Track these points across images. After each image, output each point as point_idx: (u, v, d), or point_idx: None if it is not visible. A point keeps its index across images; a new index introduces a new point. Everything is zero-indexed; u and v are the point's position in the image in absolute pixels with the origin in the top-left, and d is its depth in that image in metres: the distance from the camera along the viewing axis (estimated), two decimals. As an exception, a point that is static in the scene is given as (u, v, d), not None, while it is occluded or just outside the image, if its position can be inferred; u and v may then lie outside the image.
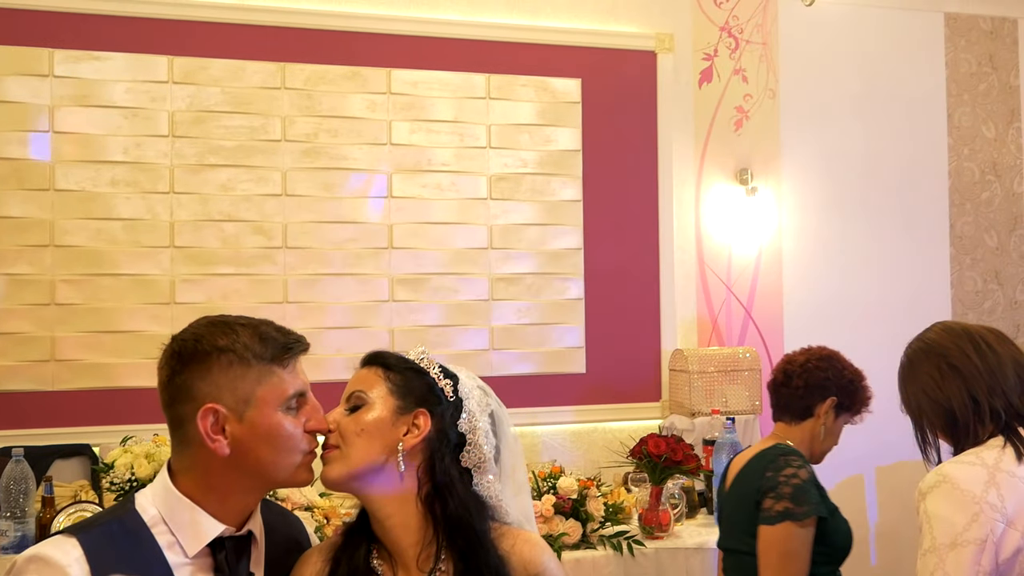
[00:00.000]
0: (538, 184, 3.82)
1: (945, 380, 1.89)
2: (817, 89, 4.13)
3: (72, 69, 3.33)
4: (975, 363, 1.87)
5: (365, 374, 1.55)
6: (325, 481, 1.50)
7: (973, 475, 1.74)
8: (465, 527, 1.49)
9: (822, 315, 4.09)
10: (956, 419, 1.86)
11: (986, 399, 1.84)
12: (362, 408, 1.51)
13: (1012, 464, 1.76)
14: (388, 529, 1.51)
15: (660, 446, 2.96)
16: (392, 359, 1.56)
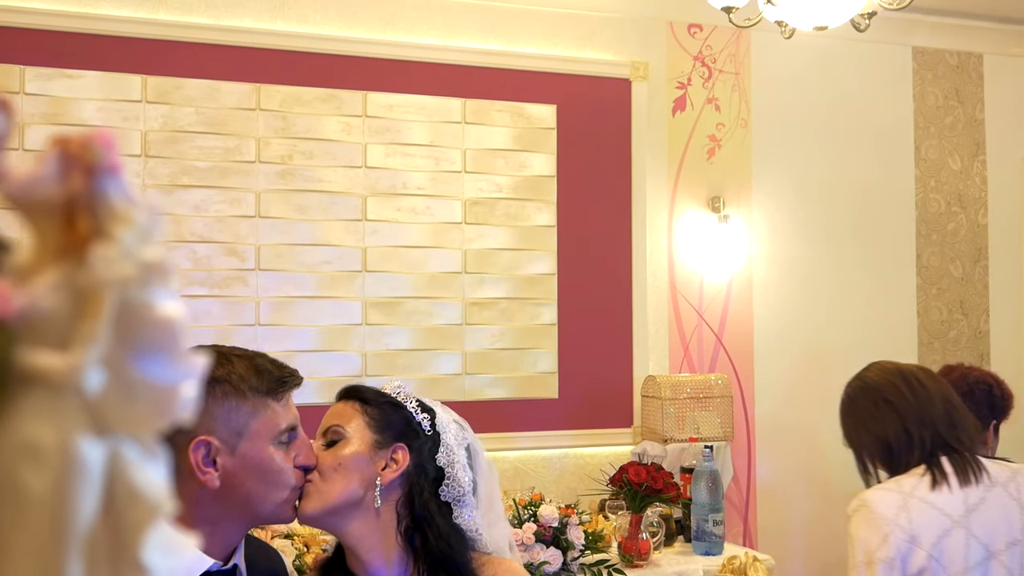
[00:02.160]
0: (513, 209, 3.83)
1: (881, 413, 2.09)
2: (788, 119, 4.19)
3: (43, 87, 3.30)
4: (907, 397, 2.06)
5: (342, 408, 1.56)
6: (301, 516, 1.49)
7: (888, 500, 1.97)
8: (446, 560, 1.50)
9: (792, 342, 4.12)
10: (891, 449, 2.06)
11: (916, 430, 2.03)
12: (339, 443, 1.51)
13: (926, 491, 1.96)
14: (367, 564, 1.50)
15: (640, 474, 2.97)
16: (369, 393, 1.57)
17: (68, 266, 0.46)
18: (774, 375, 4.09)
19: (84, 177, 0.47)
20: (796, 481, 4.07)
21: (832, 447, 3.95)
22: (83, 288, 0.45)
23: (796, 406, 4.10)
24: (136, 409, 0.46)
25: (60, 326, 0.45)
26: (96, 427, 0.45)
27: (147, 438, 0.47)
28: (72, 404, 0.45)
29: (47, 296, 0.45)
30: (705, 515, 3.16)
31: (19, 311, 0.44)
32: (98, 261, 0.46)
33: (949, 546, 1.93)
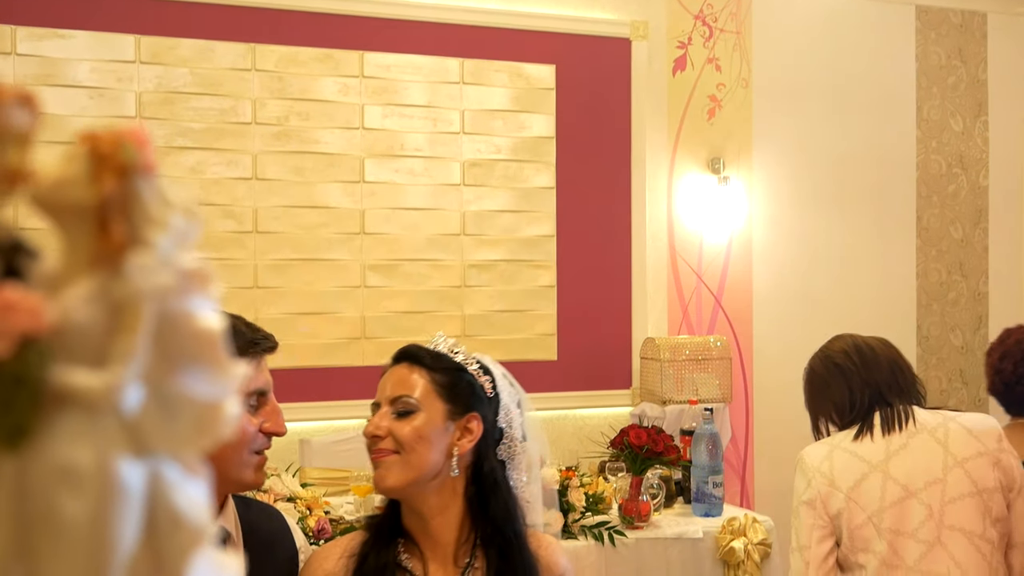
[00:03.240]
0: (511, 171, 3.80)
1: (832, 378, 2.35)
2: (789, 79, 4.15)
3: (35, 47, 3.24)
4: (855, 362, 2.32)
5: (406, 375, 1.53)
6: (382, 488, 1.49)
7: (816, 451, 2.29)
8: (506, 526, 1.51)
9: (790, 304, 4.12)
10: (839, 409, 2.33)
11: (859, 391, 2.28)
12: (414, 414, 1.50)
13: (848, 442, 2.24)
14: (431, 526, 1.51)
15: (641, 437, 2.97)
16: (430, 358, 1.54)
17: (102, 276, 0.43)
18: (772, 337, 4.08)
19: (116, 178, 0.45)
20: (793, 442, 4.05)
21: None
22: (119, 300, 0.43)
23: (794, 368, 4.07)
24: (177, 427, 0.44)
25: (95, 341, 0.43)
26: (135, 447, 0.43)
27: (189, 457, 0.45)
28: (110, 424, 0.43)
29: (80, 309, 0.43)
30: (705, 477, 3.17)
31: (51, 326, 0.42)
32: (135, 270, 0.43)
33: (865, 488, 2.18)
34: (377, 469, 1.49)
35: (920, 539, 2.14)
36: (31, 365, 0.42)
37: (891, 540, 2.15)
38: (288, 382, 3.28)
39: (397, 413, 1.50)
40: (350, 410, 3.41)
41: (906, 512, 2.16)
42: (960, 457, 2.20)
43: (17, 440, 0.42)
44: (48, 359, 0.43)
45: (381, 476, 1.49)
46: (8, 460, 0.42)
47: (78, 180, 0.45)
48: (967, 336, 4.36)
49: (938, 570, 2.13)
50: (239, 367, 0.47)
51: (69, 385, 0.43)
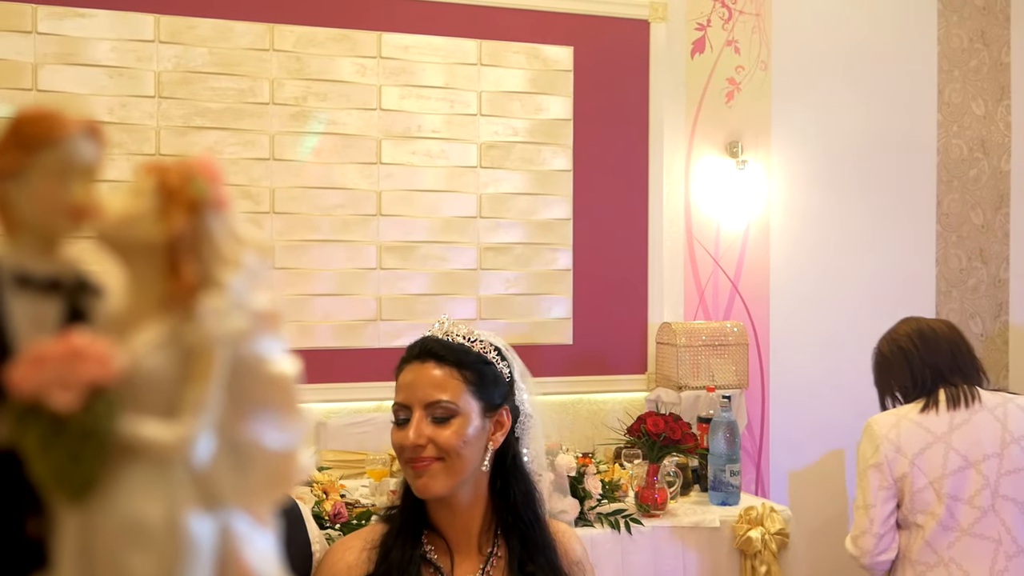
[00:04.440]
0: (528, 153, 3.77)
1: (896, 359, 2.63)
2: (809, 62, 4.11)
3: (56, 26, 3.23)
4: (916, 344, 2.59)
5: (437, 376, 1.49)
6: (427, 495, 1.47)
7: (884, 420, 2.56)
8: (526, 511, 1.51)
9: (808, 289, 4.10)
10: (903, 388, 2.61)
11: (920, 371, 2.57)
12: (455, 419, 1.47)
13: (915, 414, 2.53)
14: (461, 520, 1.50)
15: (659, 425, 2.96)
16: (455, 355, 1.50)
17: (172, 319, 0.42)
18: (790, 323, 4.07)
19: (187, 214, 0.43)
20: (810, 430, 4.08)
21: (846, 396, 3.95)
22: (191, 345, 0.42)
23: (811, 354, 4.09)
24: (249, 480, 0.43)
25: (165, 389, 0.42)
26: (205, 501, 0.42)
27: (260, 510, 0.44)
28: (180, 477, 0.41)
29: (150, 356, 0.41)
30: (722, 465, 3.16)
31: (120, 374, 0.41)
32: (207, 314, 0.42)
33: (929, 456, 2.46)
34: (420, 478, 1.46)
35: (975, 505, 2.42)
36: (100, 417, 0.41)
37: (949, 504, 2.43)
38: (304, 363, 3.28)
39: (435, 419, 1.47)
40: (366, 392, 3.41)
41: (965, 480, 2.44)
42: (1017, 434, 2.46)
43: (84, 494, 0.41)
44: (116, 410, 0.42)
45: (425, 485, 1.46)
46: (74, 514, 0.41)
47: (146, 216, 0.44)
48: (987, 324, 4.33)
49: (989, 533, 2.41)
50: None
51: (139, 438, 0.41)
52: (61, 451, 0.41)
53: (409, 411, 1.49)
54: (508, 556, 1.50)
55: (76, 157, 0.48)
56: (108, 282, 0.49)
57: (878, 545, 2.51)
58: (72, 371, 0.40)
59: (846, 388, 3.96)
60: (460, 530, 1.51)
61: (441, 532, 1.52)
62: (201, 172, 0.44)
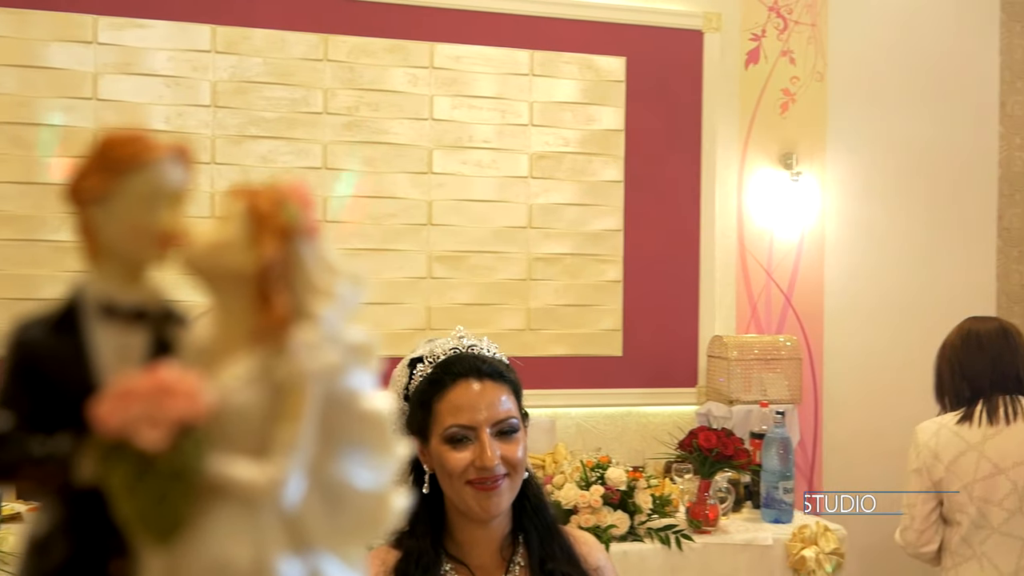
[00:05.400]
0: (579, 164, 3.76)
1: (942, 363, 2.88)
2: (866, 72, 4.05)
3: (116, 36, 3.27)
4: (959, 353, 2.82)
5: (498, 394, 1.47)
6: (496, 512, 1.46)
7: (927, 428, 2.84)
8: (543, 512, 1.50)
9: (864, 303, 4.03)
10: (946, 391, 2.86)
11: (959, 380, 2.81)
12: (517, 433, 1.47)
13: (953, 423, 2.78)
14: (489, 529, 1.49)
15: (711, 440, 2.93)
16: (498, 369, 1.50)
17: (263, 352, 0.40)
18: (844, 338, 4.00)
19: (278, 242, 0.41)
20: (864, 446, 4.01)
21: (901, 412, 3.88)
22: (282, 381, 0.40)
23: (866, 369, 4.03)
24: (340, 521, 0.41)
25: (255, 426, 0.40)
26: (295, 544, 0.40)
27: (350, 553, 0.42)
28: (269, 519, 0.40)
29: (240, 391, 0.40)
30: (775, 482, 3.11)
31: (209, 411, 0.39)
32: (299, 348, 0.40)
33: (962, 463, 2.72)
34: (493, 498, 1.45)
35: (1005, 507, 2.69)
36: (188, 456, 0.40)
37: (980, 506, 2.71)
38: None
39: (501, 436, 1.46)
40: (415, 402, 3.40)
41: (995, 485, 2.70)
42: None
43: (170, 536, 0.39)
44: (205, 448, 0.40)
45: (496, 504, 1.45)
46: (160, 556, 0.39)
47: (235, 243, 0.42)
48: (1047, 341, 4.24)
49: (1018, 532, 2.69)
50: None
51: (227, 478, 0.40)
52: (148, 491, 0.39)
53: (473, 431, 1.46)
54: (529, 558, 1.48)
55: (164, 181, 0.46)
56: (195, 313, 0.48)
57: (919, 539, 2.83)
58: (160, 407, 0.39)
59: (901, 404, 3.88)
60: (485, 544, 1.49)
61: (464, 548, 1.50)
62: (292, 197, 0.42)
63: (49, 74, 3.22)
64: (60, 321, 0.52)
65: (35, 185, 3.21)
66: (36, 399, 0.51)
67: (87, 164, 0.50)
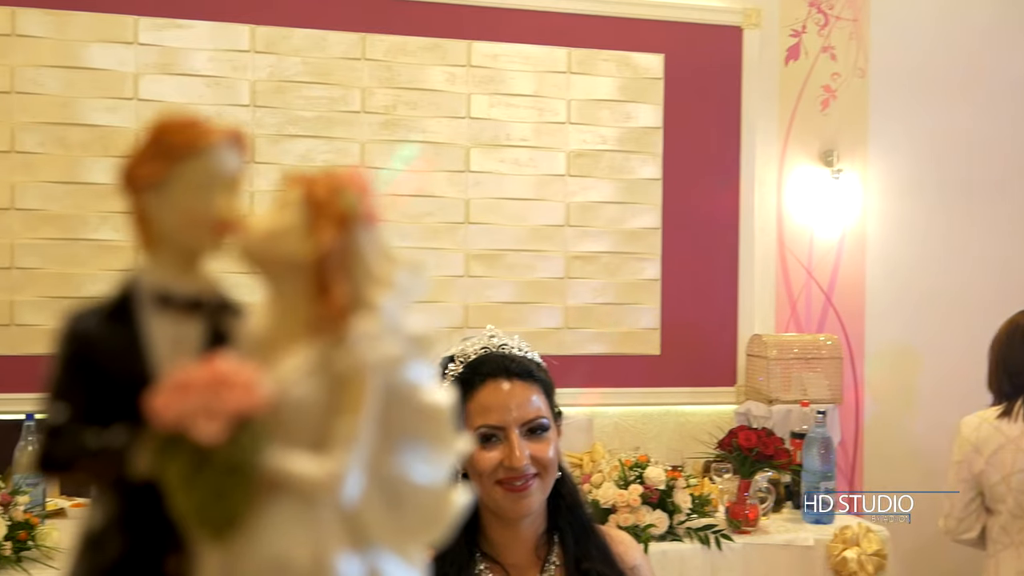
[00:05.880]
0: (617, 161, 3.74)
1: (992, 352, 2.97)
2: (909, 68, 3.99)
3: (156, 37, 3.30)
4: (1004, 346, 2.93)
5: (528, 394, 1.46)
6: (527, 513, 1.45)
7: (969, 422, 2.95)
8: (579, 512, 1.49)
9: (906, 302, 3.97)
10: (992, 381, 2.96)
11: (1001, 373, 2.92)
12: (547, 433, 1.46)
13: (994, 418, 2.89)
14: (523, 529, 1.48)
15: (751, 439, 2.90)
16: (528, 368, 1.49)
17: (321, 343, 0.39)
18: (886, 337, 3.95)
19: (336, 229, 0.40)
20: (906, 447, 3.95)
21: (944, 412, 3.82)
22: (341, 373, 0.39)
23: (909, 369, 3.97)
24: (401, 518, 0.40)
25: (313, 419, 0.39)
26: (353, 541, 0.39)
27: (410, 551, 0.41)
28: (328, 515, 0.38)
29: (299, 384, 0.39)
30: (816, 482, 3.07)
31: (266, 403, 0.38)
32: (359, 339, 0.39)
33: (1001, 456, 2.84)
34: (526, 498, 1.44)
35: None
36: (245, 450, 0.38)
37: (1017, 497, 2.82)
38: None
39: (530, 436, 1.45)
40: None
41: None
42: None
43: (227, 531, 0.38)
44: (262, 442, 0.39)
45: (527, 505, 1.44)
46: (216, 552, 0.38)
47: (292, 231, 0.40)
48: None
49: None
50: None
51: (286, 473, 0.39)
52: (205, 486, 0.38)
53: (502, 431, 1.45)
54: (564, 559, 1.47)
55: (220, 168, 0.45)
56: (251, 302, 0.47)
57: (959, 527, 2.97)
58: (217, 400, 0.38)
59: (944, 404, 3.82)
60: (519, 543, 1.48)
61: (498, 548, 1.49)
62: (351, 184, 0.41)
63: (90, 75, 3.25)
64: (115, 311, 0.51)
65: (77, 185, 3.25)
66: (91, 391, 0.50)
67: (142, 150, 0.49)
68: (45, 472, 0.51)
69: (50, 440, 0.50)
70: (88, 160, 3.25)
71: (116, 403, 0.49)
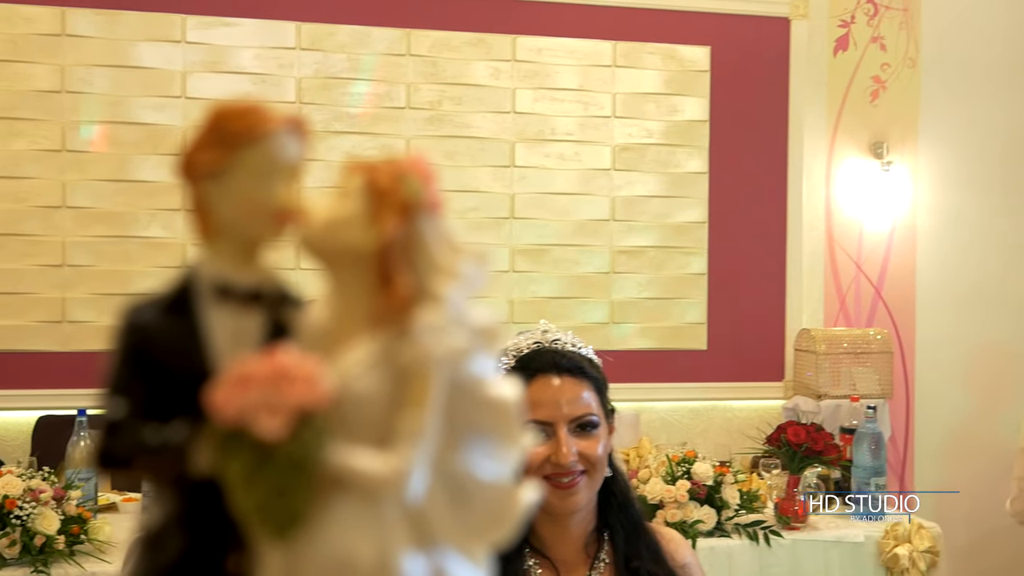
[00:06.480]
0: (663, 155, 3.71)
1: None
2: (961, 58, 3.91)
3: (203, 35, 3.32)
4: None
5: (578, 390, 1.45)
6: (574, 510, 1.44)
7: None
8: (630, 510, 1.47)
9: (958, 295, 3.90)
10: None
11: None
12: (597, 430, 1.45)
13: None
14: (572, 526, 1.46)
15: (800, 435, 2.85)
16: (579, 364, 1.47)
17: (384, 336, 0.38)
18: (938, 331, 3.88)
19: (399, 218, 0.39)
20: (958, 443, 3.88)
21: (996, 407, 3.75)
22: (405, 366, 0.38)
23: (961, 363, 3.90)
24: (467, 517, 0.39)
25: (376, 414, 0.38)
26: (418, 539, 0.37)
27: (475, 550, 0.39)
28: (392, 513, 0.37)
29: (362, 377, 0.38)
30: (867, 478, 3.02)
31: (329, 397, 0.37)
32: (423, 331, 0.37)
33: None
34: (573, 495, 1.43)
35: None
36: (308, 445, 0.37)
37: None
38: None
39: (579, 430, 1.44)
40: (498, 397, 3.40)
41: None
42: None
43: (289, 530, 0.37)
44: (325, 438, 0.38)
45: (575, 502, 1.43)
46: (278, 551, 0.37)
47: (354, 220, 0.39)
48: None
49: None
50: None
51: (349, 469, 0.37)
52: (267, 483, 0.37)
53: (550, 427, 1.44)
54: (614, 557, 1.46)
55: (280, 155, 0.44)
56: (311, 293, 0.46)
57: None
58: (279, 394, 0.37)
59: (997, 399, 3.76)
60: (568, 540, 1.47)
61: (547, 544, 1.47)
62: (413, 171, 0.40)
63: (139, 73, 3.28)
64: (173, 304, 0.50)
65: (127, 183, 3.28)
66: (149, 385, 0.49)
67: (201, 138, 0.48)
68: (104, 468, 0.50)
69: (109, 436, 0.49)
70: (138, 158, 3.29)
71: (175, 398, 0.48)
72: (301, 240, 0.41)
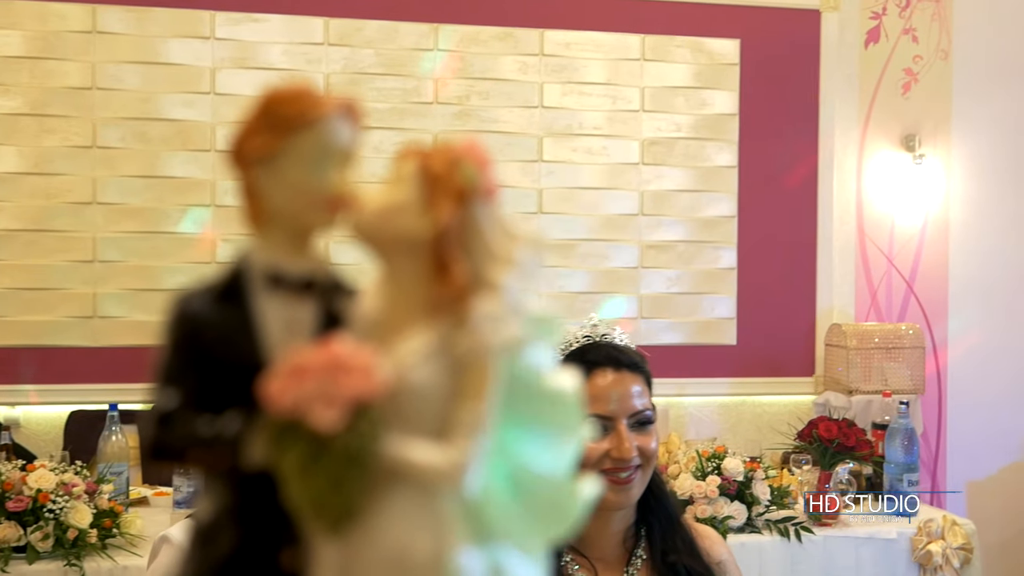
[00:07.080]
0: (692, 149, 3.68)
1: None
2: (994, 50, 3.87)
3: (232, 31, 3.33)
4: None
5: (634, 385, 1.45)
6: (627, 504, 1.44)
7: None
8: (666, 504, 1.47)
9: (991, 290, 3.86)
10: None
11: None
12: (652, 425, 1.45)
13: None
14: (613, 521, 1.46)
15: (831, 430, 2.84)
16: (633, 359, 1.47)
17: (441, 325, 0.37)
18: (971, 326, 3.84)
19: (454, 205, 0.38)
20: (991, 439, 3.84)
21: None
22: (463, 356, 0.37)
23: (994, 359, 3.85)
24: (525, 511, 0.38)
25: (433, 405, 0.37)
26: (476, 534, 0.36)
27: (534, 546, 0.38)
28: (450, 507, 0.36)
29: (418, 368, 0.37)
30: (899, 474, 3.00)
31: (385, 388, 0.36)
32: (481, 320, 0.36)
33: None
34: (628, 491, 1.42)
35: None
36: (364, 437, 0.36)
37: None
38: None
39: (637, 425, 1.43)
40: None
41: None
42: None
43: (345, 523, 0.36)
44: (381, 429, 0.37)
45: (630, 496, 1.42)
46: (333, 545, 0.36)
47: (408, 207, 0.38)
48: None
49: None
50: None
51: (406, 462, 0.36)
52: (322, 475, 0.36)
53: (611, 422, 1.43)
54: (651, 552, 1.45)
55: (333, 141, 0.43)
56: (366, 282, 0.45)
57: None
58: (335, 385, 0.36)
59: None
60: (608, 536, 1.46)
61: (585, 541, 1.46)
62: (468, 157, 0.39)
63: (169, 70, 3.29)
64: (225, 292, 0.49)
65: (158, 179, 3.30)
66: (202, 376, 0.48)
67: (252, 123, 0.47)
68: (156, 460, 0.50)
69: (161, 427, 0.48)
70: (167, 154, 3.30)
71: (228, 388, 0.47)
72: (354, 227, 0.40)
